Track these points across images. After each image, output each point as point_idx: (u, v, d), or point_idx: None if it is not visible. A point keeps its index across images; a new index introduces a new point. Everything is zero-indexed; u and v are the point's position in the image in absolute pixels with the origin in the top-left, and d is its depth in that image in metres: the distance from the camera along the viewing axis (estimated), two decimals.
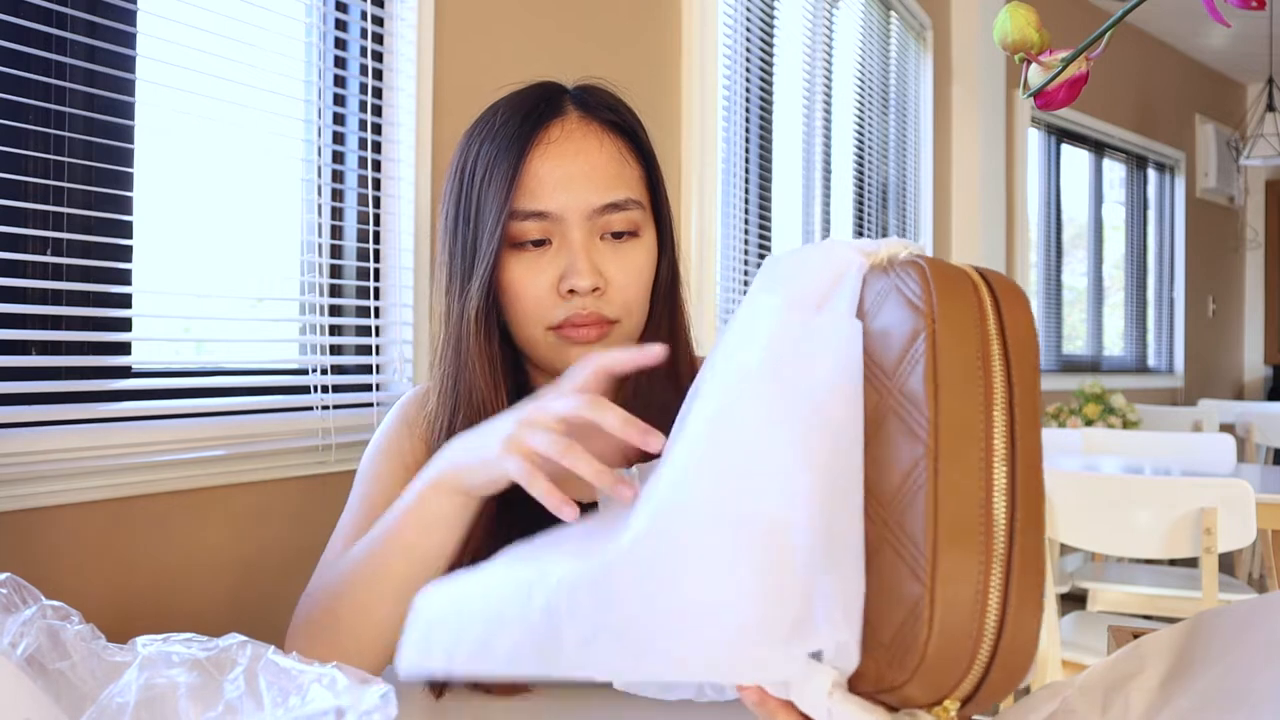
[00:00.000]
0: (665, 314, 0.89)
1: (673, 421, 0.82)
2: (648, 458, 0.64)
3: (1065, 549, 3.35)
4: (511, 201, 0.80)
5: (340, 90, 1.56)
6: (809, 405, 0.47)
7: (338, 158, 1.55)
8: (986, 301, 0.45)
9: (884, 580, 0.45)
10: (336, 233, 1.56)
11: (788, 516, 0.45)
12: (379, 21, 1.60)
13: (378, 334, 1.59)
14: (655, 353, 0.68)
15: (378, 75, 1.59)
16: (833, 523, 0.46)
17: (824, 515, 0.45)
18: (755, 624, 0.45)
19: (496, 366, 0.84)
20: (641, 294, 0.85)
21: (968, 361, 0.43)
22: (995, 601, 0.41)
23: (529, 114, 0.83)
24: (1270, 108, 4.92)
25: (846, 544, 0.46)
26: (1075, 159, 5.24)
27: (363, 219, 1.59)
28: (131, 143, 1.25)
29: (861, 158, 3.40)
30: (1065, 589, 2.43)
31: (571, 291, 0.81)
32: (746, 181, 2.64)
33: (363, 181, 1.58)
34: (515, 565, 0.56)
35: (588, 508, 0.65)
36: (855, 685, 0.46)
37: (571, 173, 0.81)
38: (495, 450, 0.68)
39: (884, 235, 3.60)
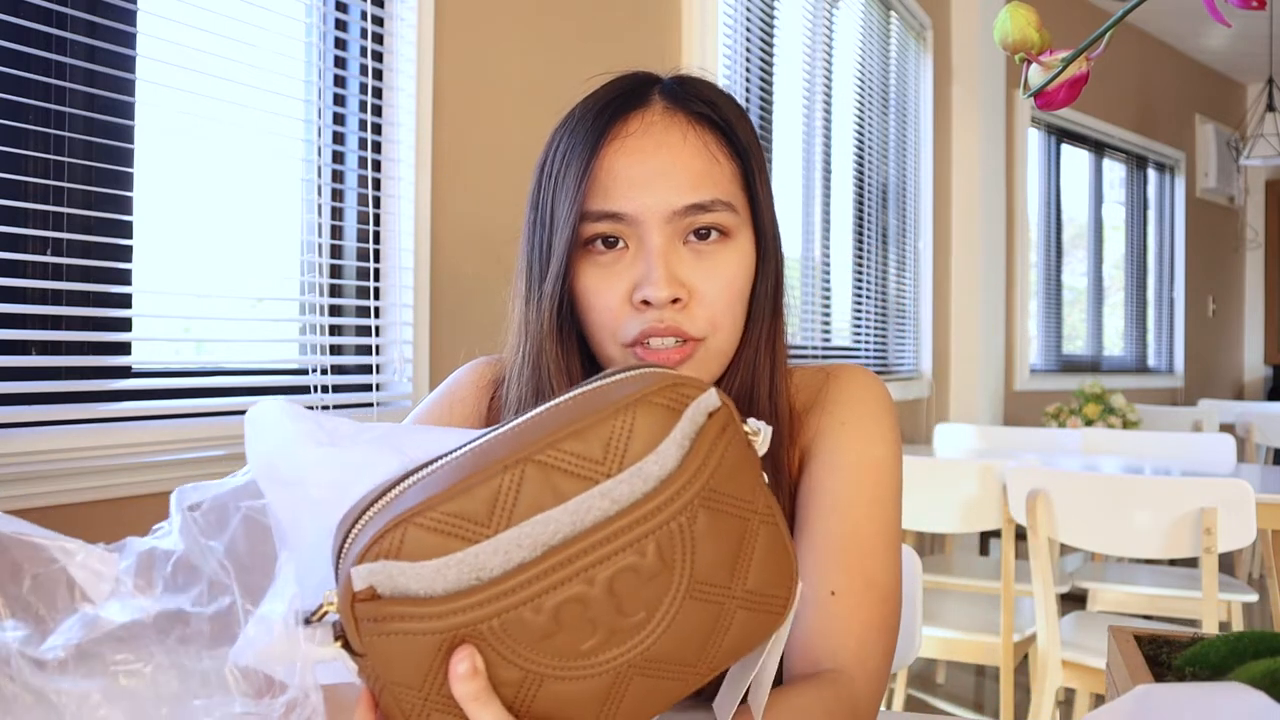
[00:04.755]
0: (766, 332, 0.78)
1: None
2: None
3: (1065, 549, 3.35)
4: (582, 201, 0.72)
5: (340, 90, 1.56)
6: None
7: (338, 158, 1.55)
8: None
9: None
10: (336, 233, 1.56)
11: None
12: (379, 21, 1.60)
13: (378, 334, 1.59)
14: None
15: (378, 75, 1.59)
16: None
17: None
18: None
19: (576, 379, 0.75)
20: (732, 306, 0.75)
21: None
22: None
23: (608, 105, 0.75)
24: (1270, 108, 4.92)
25: None
26: (1075, 159, 5.24)
27: (363, 219, 1.59)
28: (131, 143, 1.25)
29: (861, 158, 3.40)
30: (1065, 589, 2.43)
31: (646, 303, 0.72)
32: None
33: (363, 181, 1.58)
34: None
35: None
36: None
37: (650, 170, 0.72)
38: None
39: (884, 236, 3.60)
